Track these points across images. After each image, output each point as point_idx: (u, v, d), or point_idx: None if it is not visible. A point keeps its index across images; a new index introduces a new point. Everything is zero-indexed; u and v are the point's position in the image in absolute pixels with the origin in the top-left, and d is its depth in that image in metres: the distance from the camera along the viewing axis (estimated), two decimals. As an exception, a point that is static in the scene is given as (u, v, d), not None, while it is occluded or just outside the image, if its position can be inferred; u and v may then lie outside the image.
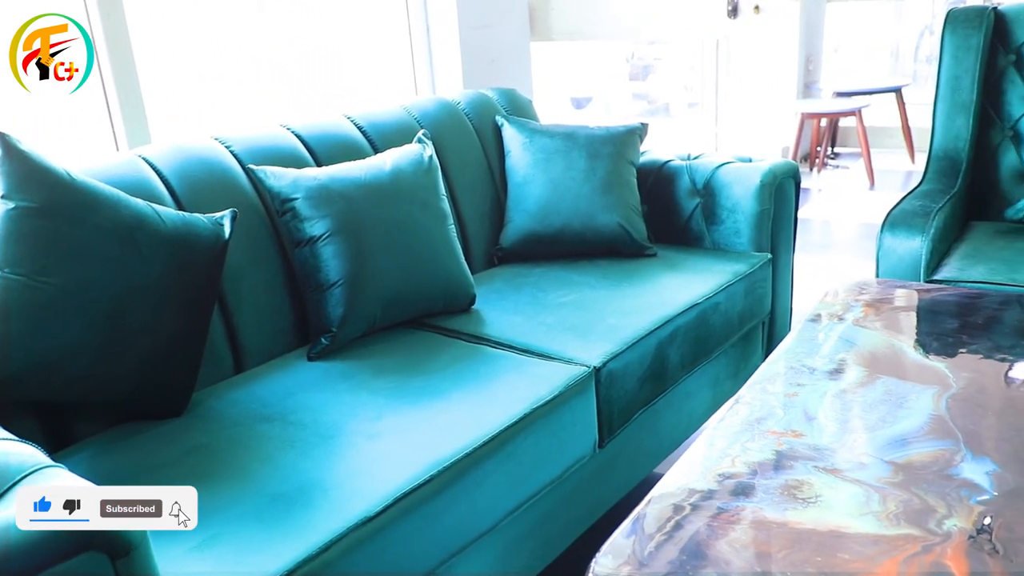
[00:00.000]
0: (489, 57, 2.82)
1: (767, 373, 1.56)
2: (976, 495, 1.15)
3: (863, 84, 5.49)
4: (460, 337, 1.85)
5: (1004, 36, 2.51)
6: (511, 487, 1.51)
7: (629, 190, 2.31)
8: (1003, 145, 2.52)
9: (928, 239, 2.09)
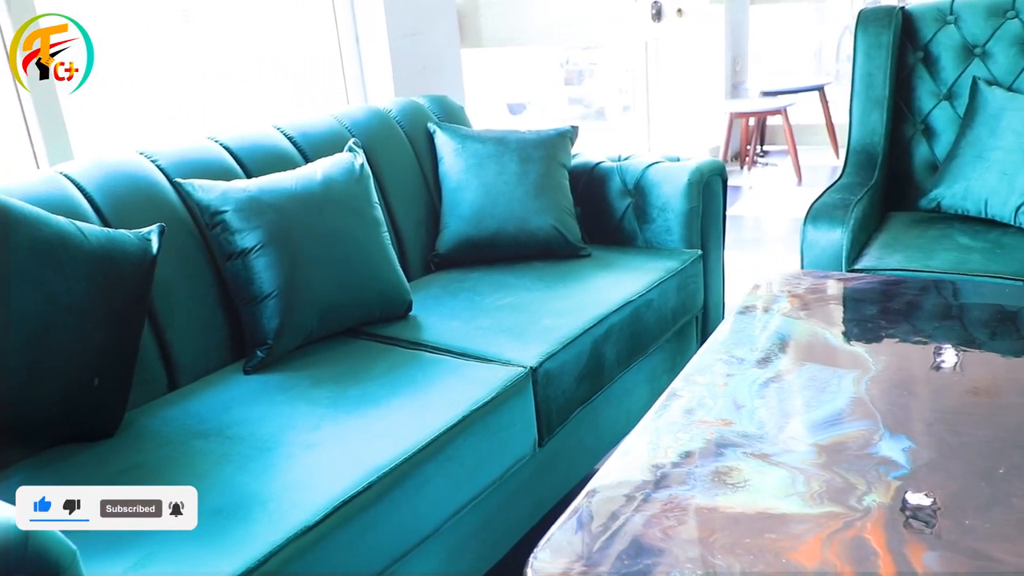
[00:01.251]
0: (420, 64, 2.83)
1: (698, 365, 1.60)
2: (893, 471, 1.20)
3: (788, 83, 5.65)
4: (398, 344, 1.86)
5: (912, 34, 2.61)
6: (453, 489, 1.52)
7: (561, 192, 2.35)
8: (915, 138, 2.63)
9: (848, 230, 2.17)
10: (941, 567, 1.01)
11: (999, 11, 2.51)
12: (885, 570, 1.01)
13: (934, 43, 2.59)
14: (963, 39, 2.55)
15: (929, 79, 2.61)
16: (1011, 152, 2.29)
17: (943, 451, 1.27)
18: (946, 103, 2.58)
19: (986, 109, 2.41)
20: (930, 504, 1.13)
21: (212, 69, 2.65)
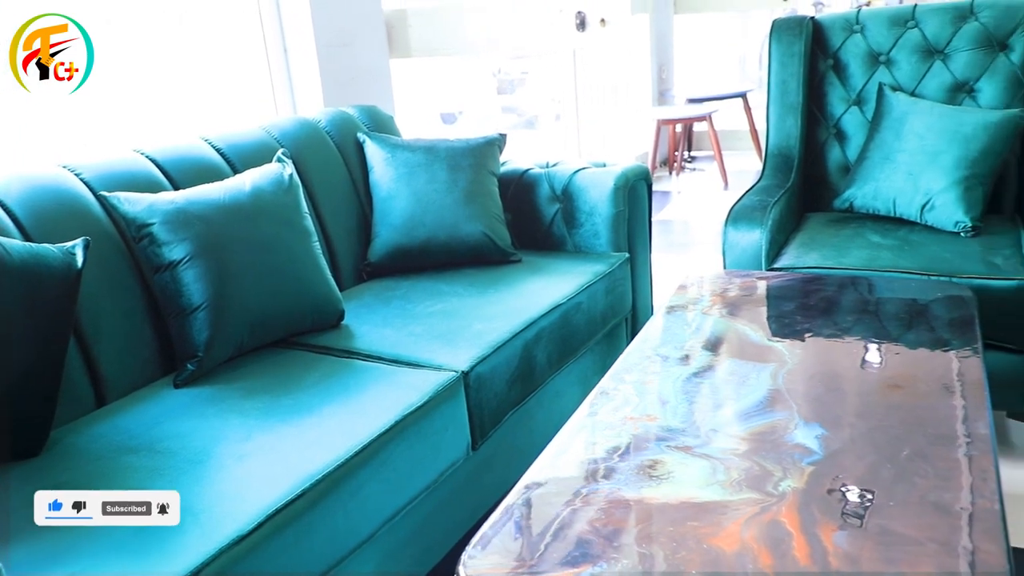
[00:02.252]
0: (349, 75, 2.83)
1: (624, 364, 1.66)
2: (807, 457, 1.27)
3: (713, 91, 5.81)
4: (330, 353, 1.86)
5: (822, 43, 2.73)
6: (387, 494, 1.53)
7: (491, 199, 2.38)
8: (828, 142, 2.75)
9: (766, 231, 2.25)
10: (849, 544, 1.07)
11: (900, 20, 2.64)
12: (799, 551, 1.07)
13: (843, 51, 2.71)
14: (869, 47, 2.68)
15: (839, 85, 2.73)
16: (915, 154, 2.41)
17: (853, 437, 1.35)
18: (855, 108, 2.70)
19: (891, 114, 2.53)
20: (840, 487, 1.20)
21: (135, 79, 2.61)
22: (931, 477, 1.20)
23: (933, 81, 2.61)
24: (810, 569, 1.03)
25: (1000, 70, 2.54)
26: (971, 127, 2.39)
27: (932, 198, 2.35)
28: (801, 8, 6.19)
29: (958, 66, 2.58)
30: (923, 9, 2.66)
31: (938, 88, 2.61)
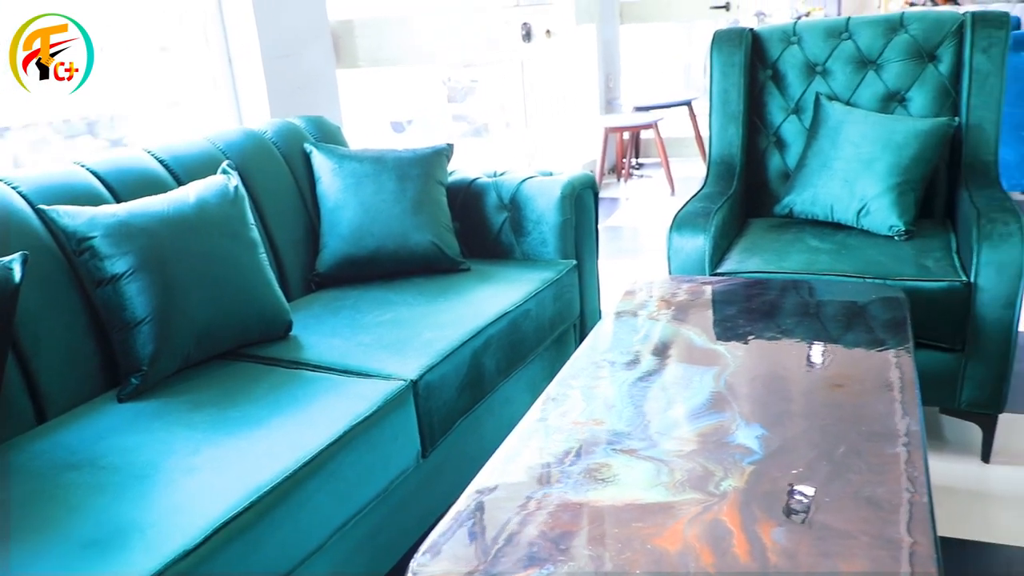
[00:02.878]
0: (295, 85, 2.83)
1: (571, 370, 1.68)
2: (748, 457, 1.31)
3: (659, 99, 5.90)
4: (278, 364, 1.86)
5: (761, 54, 2.81)
6: (337, 504, 1.53)
7: (439, 208, 2.40)
8: (769, 150, 2.82)
9: (710, 237, 2.30)
10: (787, 540, 1.11)
11: (835, 32, 2.73)
12: (739, 548, 1.10)
13: (781, 61, 2.79)
14: (806, 58, 2.76)
15: (779, 95, 2.80)
16: (850, 161, 2.49)
17: (792, 436, 1.39)
18: (794, 117, 2.78)
19: (828, 122, 2.61)
20: (778, 485, 1.23)
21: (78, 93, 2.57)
22: (865, 473, 1.24)
23: (867, 90, 2.70)
24: (749, 565, 1.06)
25: (929, 80, 2.63)
26: (903, 135, 2.48)
27: (867, 203, 2.43)
28: (744, 19, 6.33)
29: (890, 76, 2.67)
30: (856, 21, 2.75)
31: (872, 97, 2.69)
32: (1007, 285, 2.02)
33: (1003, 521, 1.98)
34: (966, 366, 2.11)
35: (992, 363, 2.09)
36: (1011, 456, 2.21)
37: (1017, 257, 2.00)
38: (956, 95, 2.60)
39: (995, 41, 2.53)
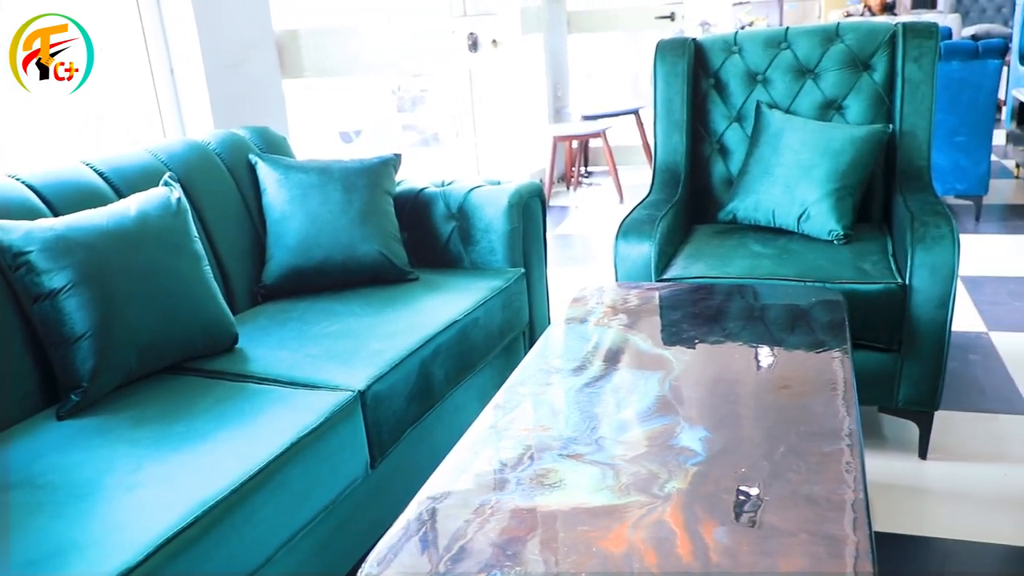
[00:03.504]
0: (239, 96, 2.80)
1: (519, 377, 1.70)
2: (691, 459, 1.33)
3: (607, 108, 5.97)
4: (224, 378, 1.83)
5: (704, 63, 2.86)
6: (284, 517, 1.52)
7: (387, 218, 2.39)
8: (712, 157, 2.87)
9: (655, 243, 2.34)
10: (728, 539, 1.13)
11: (774, 42, 2.80)
12: (682, 548, 1.12)
13: (723, 71, 2.85)
14: (747, 67, 2.82)
15: (721, 103, 2.86)
16: (791, 168, 2.55)
17: (734, 438, 1.42)
18: (736, 125, 2.84)
19: (768, 130, 2.67)
20: (721, 485, 1.26)
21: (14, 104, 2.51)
22: (804, 472, 1.27)
23: (806, 99, 2.77)
24: (692, 565, 1.08)
25: (864, 88, 2.71)
26: (840, 142, 2.55)
27: (807, 209, 2.49)
28: (689, 28, 6.44)
29: (827, 85, 2.75)
30: (794, 32, 2.82)
31: (810, 105, 2.76)
32: (940, 286, 2.09)
33: (939, 515, 2.04)
34: (903, 366, 2.17)
35: (927, 362, 2.15)
36: (946, 452, 2.28)
37: (949, 259, 2.07)
38: (890, 103, 2.68)
39: (925, 51, 2.62)
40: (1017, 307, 3.25)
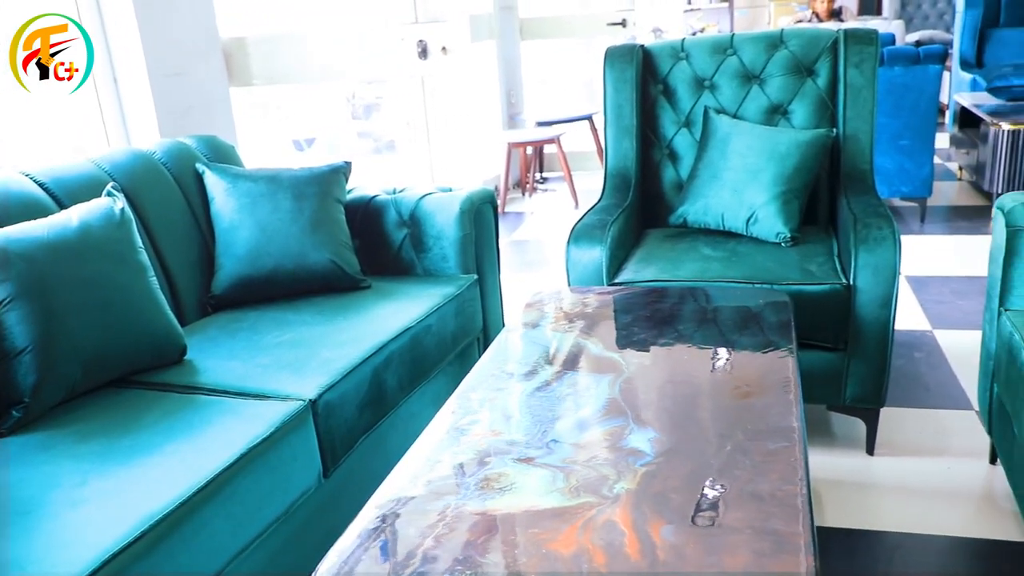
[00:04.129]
0: (185, 105, 2.76)
1: (471, 383, 1.70)
2: (640, 460, 1.34)
3: (561, 114, 6.01)
4: (172, 390, 1.81)
5: (652, 69, 2.90)
6: (235, 529, 1.50)
7: (338, 227, 2.38)
8: (663, 162, 2.91)
9: (606, 248, 2.36)
10: (675, 537, 1.15)
11: (720, 48, 2.84)
12: (631, 547, 1.13)
13: (671, 77, 2.89)
14: (694, 73, 2.86)
15: (670, 109, 2.90)
16: (738, 172, 2.60)
17: (682, 438, 1.44)
18: (685, 130, 2.88)
19: (716, 135, 2.72)
20: (668, 484, 1.28)
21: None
22: (748, 469, 1.29)
23: (752, 104, 2.82)
24: (639, 564, 1.10)
25: (809, 93, 2.77)
26: (785, 146, 2.60)
27: (755, 212, 2.53)
28: (641, 35, 6.50)
29: (773, 90, 2.80)
30: (740, 38, 2.87)
31: (757, 110, 2.82)
32: (883, 286, 2.14)
33: (886, 509, 2.09)
34: (849, 364, 2.22)
35: (872, 360, 2.20)
36: (893, 448, 2.34)
37: (891, 259, 2.13)
38: (833, 107, 2.75)
39: (866, 56, 2.68)
40: (960, 305, 3.34)
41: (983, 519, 2.02)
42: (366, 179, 2.67)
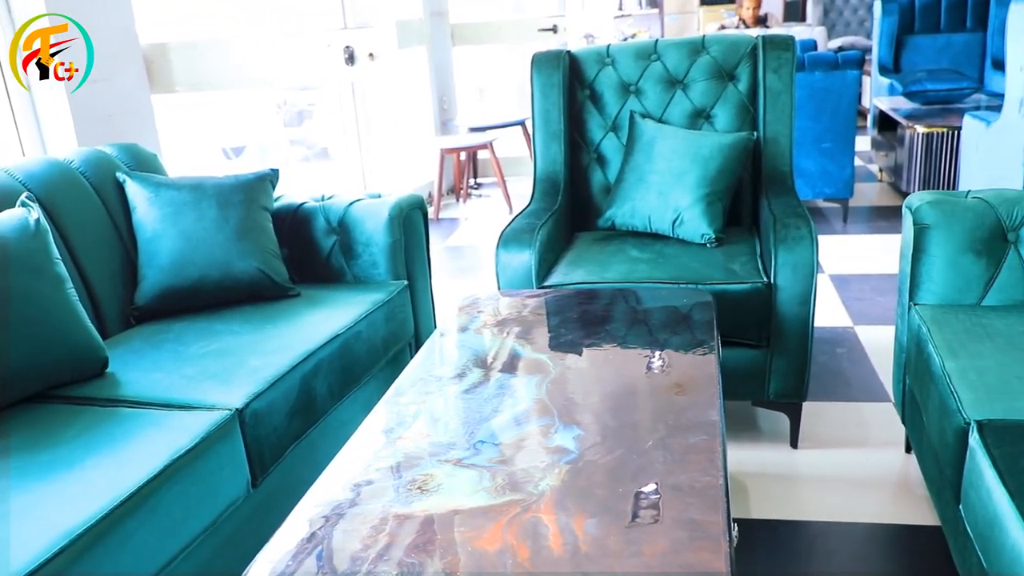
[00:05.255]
0: (105, 112, 2.70)
1: (400, 387, 1.71)
2: (565, 457, 1.37)
3: (494, 119, 6.04)
4: (93, 404, 1.77)
5: (579, 75, 2.95)
6: (161, 541, 1.48)
7: (265, 235, 2.36)
8: (591, 166, 2.96)
9: (535, 251, 2.39)
10: (597, 530, 1.18)
11: (645, 54, 2.91)
12: (554, 541, 1.16)
13: (597, 82, 2.94)
14: (620, 78, 2.92)
15: (597, 113, 2.95)
16: (664, 175, 2.66)
17: (606, 435, 1.47)
18: (612, 134, 2.93)
19: (642, 138, 2.78)
20: (592, 480, 1.30)
21: None
22: (669, 463, 1.33)
23: (676, 108, 2.89)
24: (562, 557, 1.12)
25: (730, 98, 2.85)
26: (709, 149, 2.67)
27: (681, 214, 2.59)
28: (572, 41, 6.58)
29: (696, 95, 2.87)
30: (663, 44, 2.94)
31: (681, 114, 2.88)
32: (802, 284, 2.21)
33: (809, 499, 2.16)
34: (772, 360, 2.29)
35: (794, 356, 2.27)
36: (816, 440, 2.42)
37: (809, 258, 2.20)
38: (754, 111, 2.83)
39: (784, 62, 2.77)
40: (880, 302, 3.47)
41: (898, 505, 2.11)
42: (300, 187, 2.65)
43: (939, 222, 2.04)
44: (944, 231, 2.03)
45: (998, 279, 2.02)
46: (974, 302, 2.04)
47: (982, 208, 2.04)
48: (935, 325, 1.91)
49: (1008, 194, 2.07)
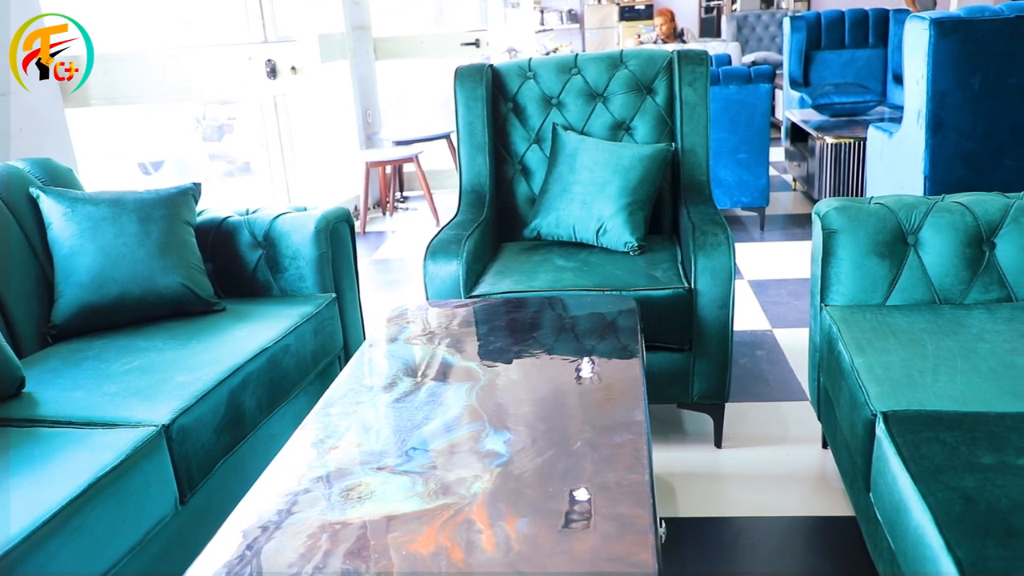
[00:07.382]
0: (15, 127, 2.61)
1: (330, 398, 1.71)
2: (496, 460, 1.40)
3: (419, 132, 6.05)
4: (9, 424, 1.72)
5: (502, 88, 3.00)
6: (86, 561, 1.45)
7: (188, 249, 2.33)
8: (516, 177, 3.01)
9: (463, 262, 2.42)
10: (529, 529, 1.21)
11: (565, 68, 2.97)
12: (487, 541, 1.18)
13: (520, 95, 2.99)
14: (542, 92, 2.98)
15: (520, 126, 3.00)
16: (587, 185, 2.72)
17: (536, 438, 1.50)
18: (536, 146, 2.99)
19: (564, 150, 2.84)
20: (523, 481, 1.33)
21: None
22: (597, 462, 1.37)
23: (597, 120, 2.96)
24: (495, 556, 1.15)
25: (649, 110, 2.94)
26: (629, 160, 2.74)
27: (604, 223, 2.66)
28: (495, 55, 6.65)
29: (616, 107, 2.95)
30: (583, 58, 3.01)
31: (602, 127, 2.96)
32: (720, 288, 2.29)
33: (732, 496, 2.24)
34: (695, 363, 2.37)
35: (715, 359, 2.35)
36: (738, 440, 2.50)
37: (726, 263, 2.28)
38: (672, 123, 2.92)
39: (698, 76, 2.87)
40: (796, 305, 3.60)
41: (816, 499, 2.20)
42: (222, 202, 2.61)
43: (845, 227, 2.14)
44: (850, 235, 2.14)
45: (900, 280, 2.13)
46: (879, 302, 2.15)
47: (884, 213, 2.15)
48: (844, 324, 2.01)
49: (907, 200, 2.19)
